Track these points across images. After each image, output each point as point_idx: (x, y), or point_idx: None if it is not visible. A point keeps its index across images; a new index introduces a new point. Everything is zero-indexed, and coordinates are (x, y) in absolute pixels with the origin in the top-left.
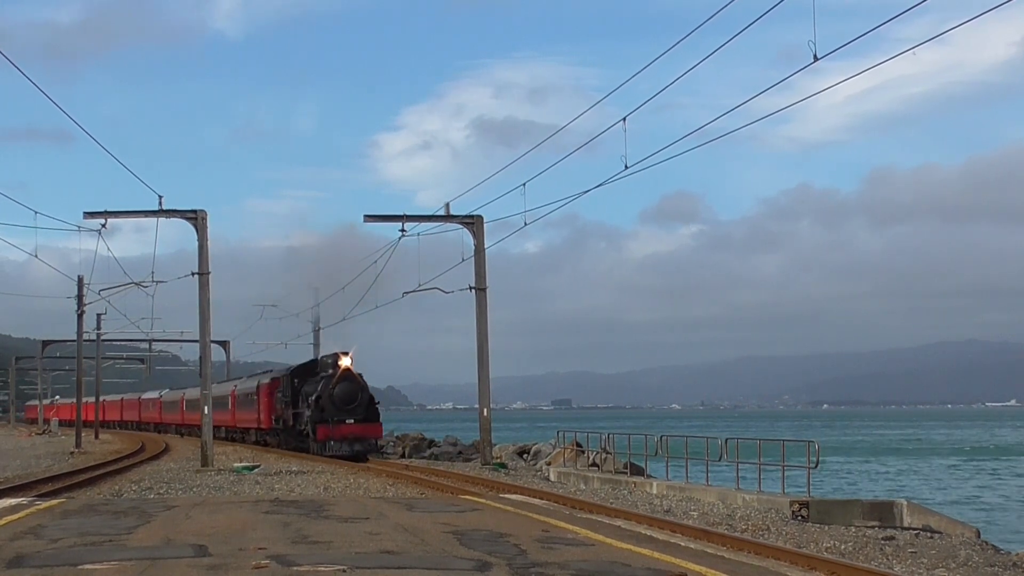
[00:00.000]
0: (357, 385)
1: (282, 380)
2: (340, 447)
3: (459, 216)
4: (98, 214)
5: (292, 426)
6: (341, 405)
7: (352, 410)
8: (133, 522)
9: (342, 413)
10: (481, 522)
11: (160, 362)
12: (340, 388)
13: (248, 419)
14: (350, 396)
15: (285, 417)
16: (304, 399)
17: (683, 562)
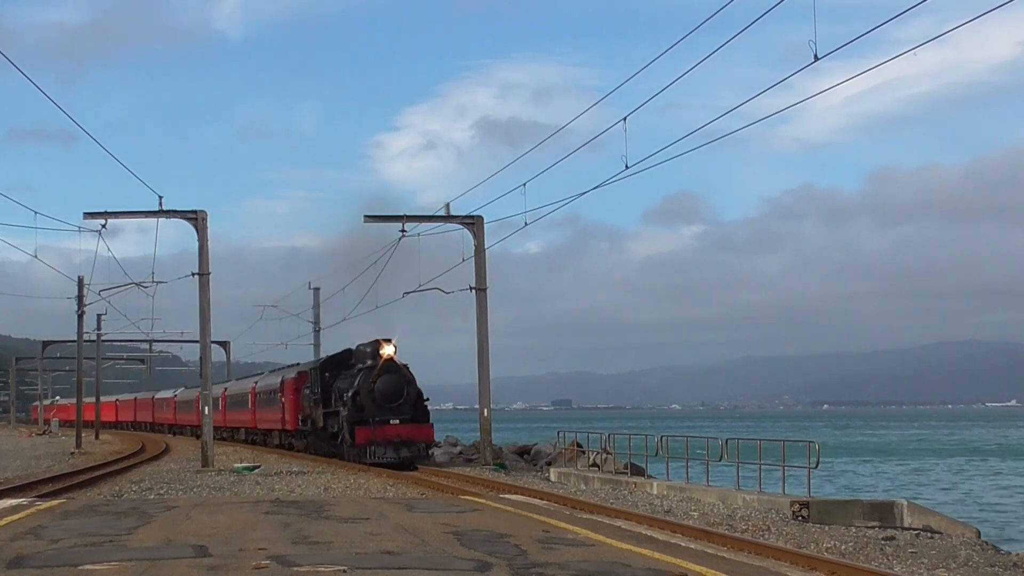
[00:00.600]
0: (403, 378)
1: (310, 374)
2: (384, 453)
3: (459, 216)
4: (98, 215)
5: (323, 428)
6: (384, 402)
7: (398, 408)
8: (133, 523)
9: (385, 412)
10: (481, 522)
11: (160, 362)
12: (383, 382)
13: (271, 419)
14: (395, 391)
15: (314, 417)
16: (337, 396)
17: (683, 562)
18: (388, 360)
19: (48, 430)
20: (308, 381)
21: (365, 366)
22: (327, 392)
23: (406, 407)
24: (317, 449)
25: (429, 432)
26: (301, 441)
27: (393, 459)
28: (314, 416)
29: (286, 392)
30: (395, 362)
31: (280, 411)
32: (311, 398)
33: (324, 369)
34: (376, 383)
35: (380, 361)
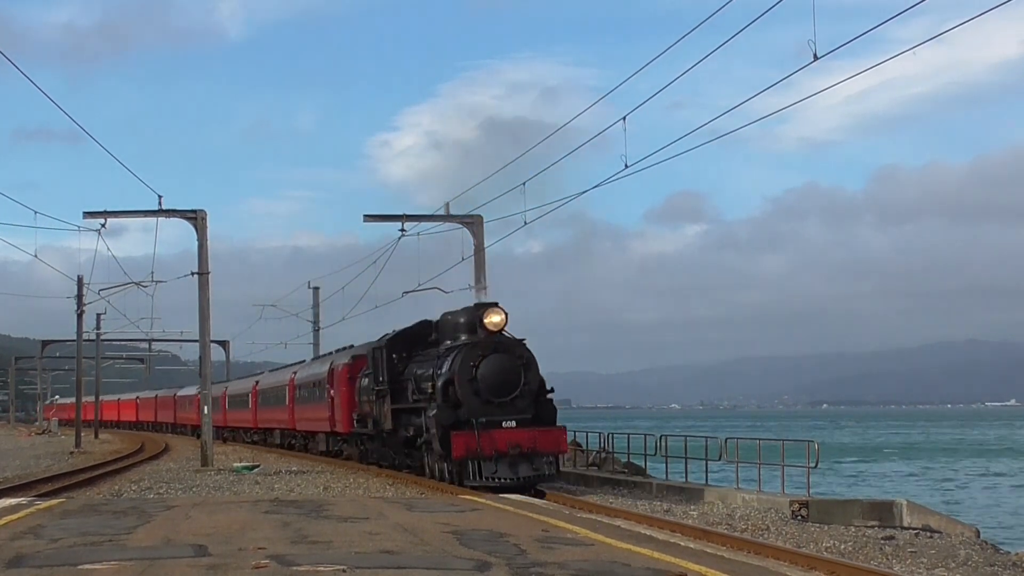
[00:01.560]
0: (518, 360)
1: (370, 357)
2: (494, 471)
3: (459, 216)
4: (98, 214)
5: (392, 431)
6: (492, 395)
7: (512, 404)
8: (133, 522)
9: (494, 410)
10: (481, 522)
11: (160, 362)
12: (490, 366)
13: (314, 419)
14: (508, 379)
15: (377, 416)
16: (415, 386)
17: (683, 562)
18: (495, 333)
19: (48, 429)
20: (367, 367)
21: (458, 343)
22: (398, 381)
23: (524, 402)
24: (382, 458)
25: (559, 439)
26: (355, 447)
27: (509, 479)
28: (377, 414)
29: (336, 383)
30: (507, 336)
31: (327, 408)
32: (372, 390)
33: (392, 349)
34: (479, 368)
35: (483, 335)
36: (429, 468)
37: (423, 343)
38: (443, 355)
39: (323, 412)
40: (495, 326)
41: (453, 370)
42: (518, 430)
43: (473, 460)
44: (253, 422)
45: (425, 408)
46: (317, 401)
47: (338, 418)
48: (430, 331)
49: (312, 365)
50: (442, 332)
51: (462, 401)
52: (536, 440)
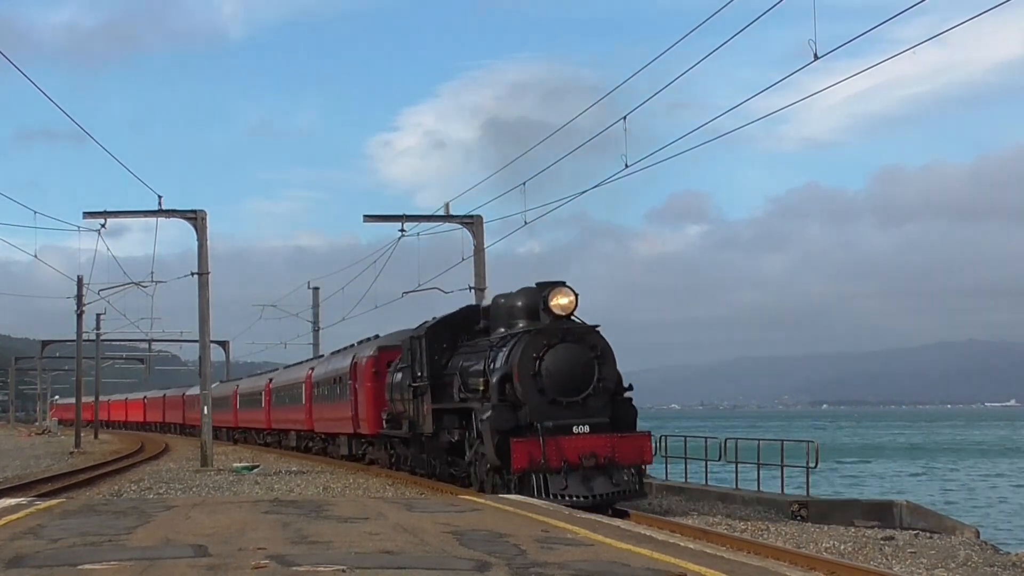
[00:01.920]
0: (590, 351)
1: (407, 348)
2: (563, 485)
3: (458, 216)
4: (97, 214)
5: (433, 435)
6: (560, 393)
7: (584, 404)
8: (133, 522)
9: (561, 411)
10: (481, 522)
11: (160, 362)
12: (558, 358)
13: (334, 419)
14: (581, 374)
15: (413, 417)
16: (462, 382)
17: (683, 562)
18: (563, 318)
19: (48, 429)
20: (400, 360)
21: (515, 331)
22: (440, 376)
23: (599, 402)
24: (418, 465)
25: (643, 446)
26: (383, 452)
27: (582, 497)
28: (413, 414)
29: (360, 379)
30: (577, 322)
31: (349, 407)
32: (407, 386)
33: (434, 338)
34: (544, 360)
35: (548, 321)
36: (479, 480)
37: (469, 331)
38: (497, 345)
39: (345, 411)
40: (563, 309)
41: (511, 363)
42: (592, 436)
43: (537, 471)
44: (267, 423)
45: (475, 409)
46: (338, 399)
47: (363, 418)
48: (478, 317)
49: (332, 360)
50: (494, 318)
51: (523, 400)
52: (615, 448)
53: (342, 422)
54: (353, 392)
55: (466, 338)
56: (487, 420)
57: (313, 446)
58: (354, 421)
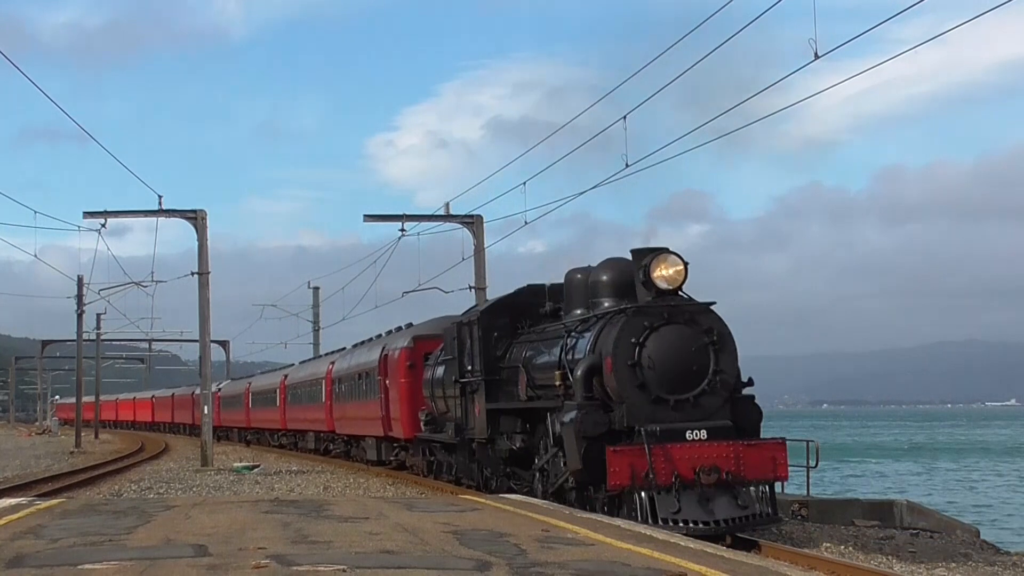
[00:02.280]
0: (706, 335)
1: (453, 337)
2: (679, 508)
3: (459, 216)
4: (98, 214)
5: (489, 441)
6: (666, 389)
7: (698, 404)
8: (133, 522)
9: (669, 412)
10: (481, 522)
11: (160, 362)
12: (664, 343)
13: (360, 419)
14: (693, 364)
15: (461, 418)
16: (528, 376)
17: (683, 561)
18: (670, 293)
19: (48, 429)
20: (443, 351)
21: (602, 311)
22: (496, 370)
23: (715, 401)
24: (466, 474)
25: (776, 457)
26: (420, 458)
27: (702, 523)
28: (459, 415)
29: (391, 373)
30: (686, 300)
31: (378, 406)
32: (452, 382)
33: (488, 325)
34: (646, 347)
35: (649, 298)
36: (546, 496)
37: (532, 316)
38: (576, 330)
39: (373, 411)
40: (669, 282)
41: (602, 350)
42: (711, 444)
43: (640, 492)
44: (281, 423)
45: (551, 410)
46: (364, 397)
47: (395, 418)
48: (543, 298)
49: (356, 352)
50: (569, 298)
51: (617, 398)
52: (740, 460)
53: (370, 423)
54: (383, 389)
55: (528, 323)
56: (571, 424)
57: (334, 449)
58: (385, 422)
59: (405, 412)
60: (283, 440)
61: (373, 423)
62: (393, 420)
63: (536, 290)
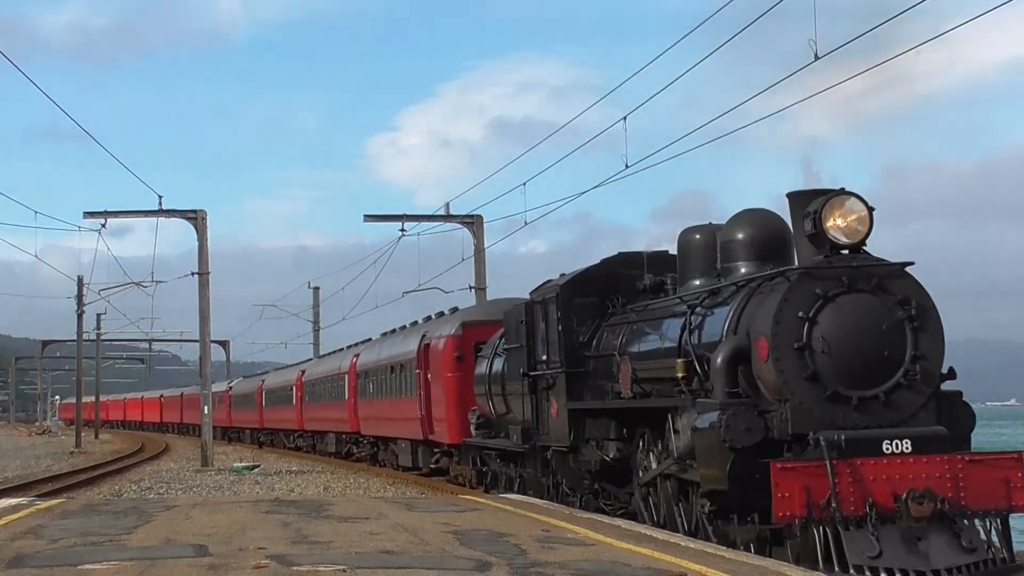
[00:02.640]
0: (900, 307)
1: (521, 321)
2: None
3: (459, 216)
4: (98, 214)
5: (572, 450)
6: (847, 382)
7: (891, 403)
8: (133, 522)
9: (850, 413)
10: (481, 522)
11: (160, 362)
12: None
13: (391, 419)
14: (885, 347)
15: (528, 419)
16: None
17: (683, 561)
18: (851, 250)
19: (48, 429)
20: (503, 339)
21: (739, 280)
22: (581, 360)
23: (917, 398)
24: (536, 489)
25: (1012, 479)
26: (470, 466)
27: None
28: (528, 416)
29: (433, 366)
30: (872, 259)
31: (416, 405)
32: (516, 375)
33: (567, 304)
34: (818, 322)
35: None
36: (652, 519)
37: (625, 292)
38: (703, 304)
39: (409, 410)
40: (850, 235)
41: (750, 329)
42: (919, 459)
43: (820, 526)
44: (298, 423)
45: (675, 410)
46: (398, 394)
47: (438, 419)
48: (638, 270)
49: (386, 343)
50: (686, 264)
51: (776, 394)
52: (962, 482)
53: (404, 424)
54: (423, 385)
55: (621, 302)
56: (711, 430)
57: (359, 452)
58: (424, 423)
59: (452, 413)
60: (299, 442)
61: (409, 424)
62: (436, 421)
63: (630, 260)
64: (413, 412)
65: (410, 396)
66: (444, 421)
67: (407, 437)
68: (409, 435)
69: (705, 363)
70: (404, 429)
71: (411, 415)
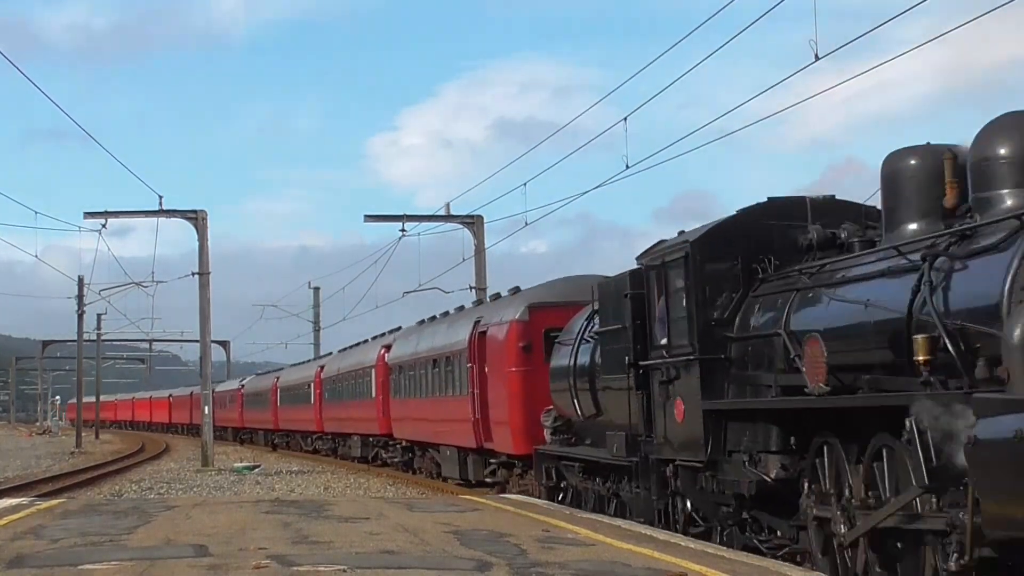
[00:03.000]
0: None
1: (609, 293)
2: None
3: (459, 216)
4: (98, 214)
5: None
6: None
7: None
8: (133, 522)
9: None
10: (481, 522)
11: (160, 362)
12: None
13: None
14: None
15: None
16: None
17: (683, 562)
18: None
19: (48, 429)
20: (596, 320)
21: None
22: (721, 343)
23: None
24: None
25: None
26: (544, 480)
27: None
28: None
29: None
30: None
31: (468, 405)
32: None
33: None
34: None
35: None
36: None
37: (782, 250)
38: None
39: (456, 411)
40: None
41: None
42: None
43: None
44: (317, 424)
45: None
46: (441, 392)
47: (498, 423)
48: (799, 221)
49: (424, 332)
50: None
51: None
52: None
53: (451, 428)
54: (476, 382)
55: (774, 264)
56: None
57: (388, 457)
58: (478, 428)
59: (516, 416)
60: (318, 444)
61: (457, 429)
62: (494, 426)
63: (785, 208)
64: (463, 414)
65: (458, 395)
66: (506, 426)
67: (454, 444)
68: (457, 441)
69: (960, 340)
70: (450, 434)
71: (460, 417)
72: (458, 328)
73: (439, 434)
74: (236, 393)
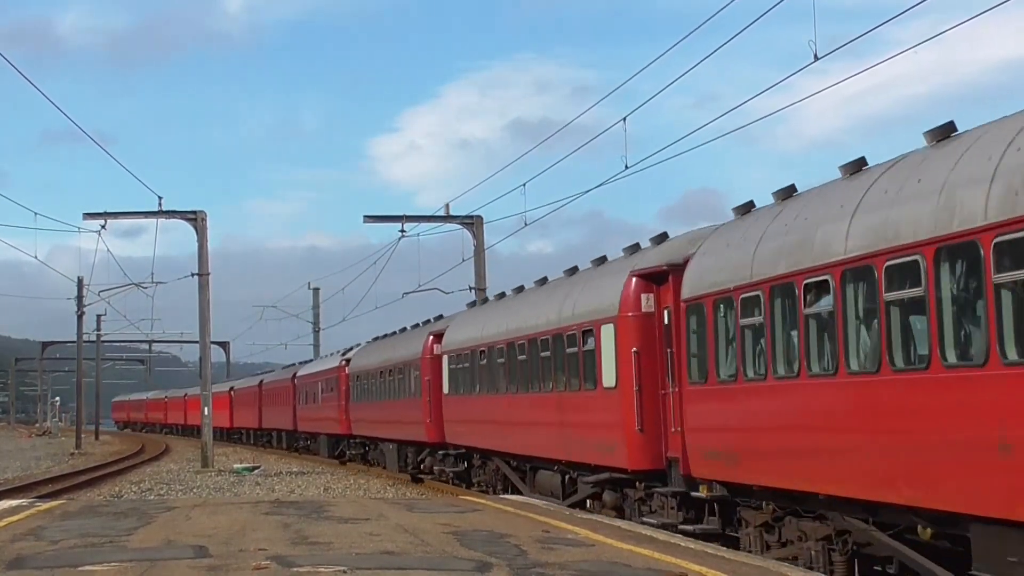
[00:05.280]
0: None
1: None
2: None
3: (458, 216)
4: (97, 215)
5: None
6: None
7: None
8: (133, 523)
9: None
10: (481, 523)
11: (160, 363)
12: None
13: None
14: None
15: None
16: None
17: (683, 562)
18: None
19: (48, 430)
20: None
21: None
22: None
23: None
24: None
25: None
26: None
27: None
28: None
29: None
30: None
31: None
32: None
33: None
34: None
35: None
36: None
37: None
38: None
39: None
40: None
41: None
42: None
43: None
44: (343, 426)
45: None
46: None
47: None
48: None
49: (494, 311)
50: None
51: None
52: None
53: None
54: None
55: None
56: None
57: (437, 466)
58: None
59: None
60: (347, 450)
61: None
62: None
63: None
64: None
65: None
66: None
67: (550, 456)
68: (551, 453)
69: None
70: (542, 443)
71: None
72: (556, 296)
73: (532, 442)
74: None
